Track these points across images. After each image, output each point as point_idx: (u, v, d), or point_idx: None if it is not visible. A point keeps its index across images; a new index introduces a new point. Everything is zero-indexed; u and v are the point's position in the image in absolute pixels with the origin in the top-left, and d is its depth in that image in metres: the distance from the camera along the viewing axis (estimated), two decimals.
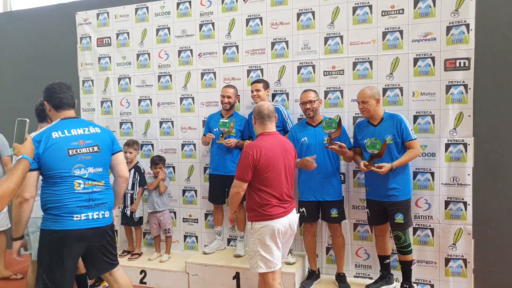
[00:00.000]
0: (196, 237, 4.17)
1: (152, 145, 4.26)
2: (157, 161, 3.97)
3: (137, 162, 4.05)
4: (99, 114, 4.44)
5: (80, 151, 2.33)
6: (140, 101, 4.28)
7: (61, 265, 2.27)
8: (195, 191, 4.14)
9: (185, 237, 4.21)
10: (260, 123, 2.74)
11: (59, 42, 4.57)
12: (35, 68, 4.70)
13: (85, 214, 2.31)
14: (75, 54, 4.48)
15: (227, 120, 3.55)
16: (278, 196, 2.64)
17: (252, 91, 3.56)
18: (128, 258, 4.00)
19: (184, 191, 4.18)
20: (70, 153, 2.30)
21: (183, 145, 4.15)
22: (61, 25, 4.55)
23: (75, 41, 4.47)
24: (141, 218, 4.07)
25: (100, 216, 2.37)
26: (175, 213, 4.22)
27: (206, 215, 4.11)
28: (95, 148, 2.38)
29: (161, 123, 4.21)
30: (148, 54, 4.21)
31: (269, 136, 2.72)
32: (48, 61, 4.63)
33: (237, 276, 3.48)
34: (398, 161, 3.02)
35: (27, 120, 2.12)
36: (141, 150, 4.26)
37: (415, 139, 3.05)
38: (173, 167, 4.20)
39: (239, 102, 3.90)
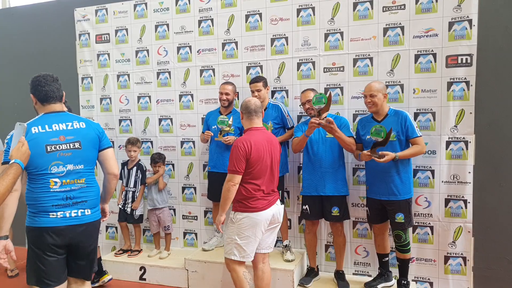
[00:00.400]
0: (196, 234, 4.17)
1: (151, 142, 4.25)
2: (157, 160, 3.96)
3: (139, 160, 4.04)
4: (99, 111, 4.42)
5: (59, 147, 2.22)
6: (139, 98, 4.26)
7: (44, 261, 2.22)
8: (195, 188, 4.13)
9: (185, 234, 4.21)
10: (248, 118, 2.80)
11: (58, 38, 4.54)
12: (34, 65, 4.67)
13: (62, 212, 2.22)
14: (74, 51, 4.46)
15: (225, 118, 3.52)
16: (264, 189, 2.73)
17: (252, 91, 3.51)
18: (128, 255, 4.00)
19: (183, 189, 4.17)
20: (48, 150, 2.19)
21: (182, 143, 4.13)
22: (60, 22, 4.52)
23: (73, 38, 4.44)
24: (141, 216, 4.07)
25: (79, 214, 2.27)
26: (174, 210, 4.21)
27: (206, 212, 4.10)
28: (76, 145, 2.26)
29: (160, 120, 4.19)
30: (147, 50, 4.18)
31: (257, 131, 2.79)
32: (47, 58, 4.60)
33: None
34: (402, 153, 2.94)
35: (25, 125, 2.06)
36: (141, 147, 4.25)
37: (421, 136, 2.99)
38: (173, 165, 4.18)
39: (238, 99, 3.86)
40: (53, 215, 2.20)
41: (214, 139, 3.65)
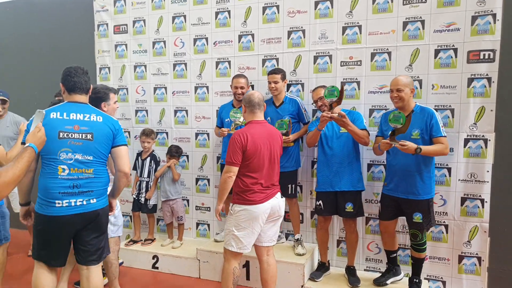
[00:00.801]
0: (208, 225, 4.22)
1: (166, 133, 4.30)
2: (173, 153, 4.01)
3: (153, 151, 4.10)
4: None
5: (71, 135, 2.31)
6: (155, 89, 4.30)
7: (47, 246, 2.36)
8: (208, 180, 4.17)
9: (198, 224, 4.26)
10: (251, 112, 2.83)
11: (77, 29, 4.62)
12: (53, 55, 4.77)
13: (67, 201, 2.29)
14: (93, 41, 4.52)
15: (238, 111, 3.52)
16: (261, 182, 2.75)
17: (269, 82, 3.49)
18: (141, 243, 4.08)
19: (197, 180, 4.21)
20: (60, 136, 2.29)
21: (197, 134, 4.16)
22: (79, 12, 4.58)
23: (92, 28, 4.50)
24: (155, 206, 4.13)
25: (85, 203, 2.35)
26: (188, 201, 4.26)
27: None
28: (89, 136, 2.35)
29: (175, 111, 4.23)
30: (164, 42, 4.20)
31: (258, 124, 2.81)
32: (66, 48, 4.68)
33: (247, 265, 3.52)
34: (426, 147, 2.80)
35: (44, 112, 2.16)
36: (156, 138, 4.30)
37: (445, 136, 2.88)
38: (187, 156, 4.22)
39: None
40: (59, 203, 2.28)
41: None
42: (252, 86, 3.87)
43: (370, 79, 3.44)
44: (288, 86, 3.74)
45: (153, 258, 3.91)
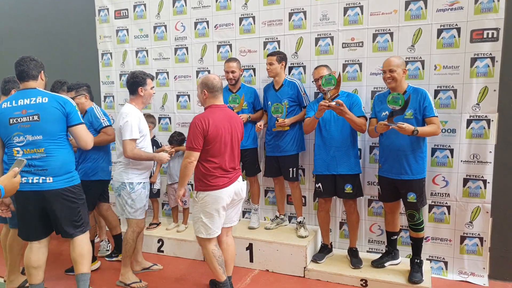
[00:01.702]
0: None
1: (169, 118, 4.46)
2: (174, 141, 4.10)
3: (154, 136, 4.24)
4: (118, 87, 4.65)
5: (20, 120, 2.64)
6: (157, 74, 4.44)
7: (22, 219, 2.77)
8: None
9: None
10: (213, 96, 2.87)
11: (78, 14, 4.76)
12: (55, 41, 4.94)
13: (25, 178, 2.62)
14: (94, 26, 4.67)
15: (237, 96, 3.64)
16: (223, 167, 2.84)
17: (267, 64, 3.61)
18: (147, 228, 4.27)
19: None
20: (11, 122, 2.65)
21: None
22: None
23: (93, 14, 4.64)
24: (159, 191, 4.32)
25: (41, 181, 2.65)
26: (192, 185, 4.44)
27: None
28: (35, 117, 2.64)
29: (178, 96, 4.38)
30: (165, 26, 4.33)
31: (218, 109, 2.87)
32: (68, 33, 4.85)
33: (250, 247, 3.69)
34: (422, 129, 2.94)
35: (25, 160, 2.17)
36: (158, 123, 4.47)
37: (437, 116, 3.02)
38: None
39: (254, 74, 3.98)
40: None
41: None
42: (254, 70, 4.00)
43: (372, 60, 3.53)
44: (290, 68, 3.85)
45: (158, 242, 4.11)
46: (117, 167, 3.26)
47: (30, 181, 2.65)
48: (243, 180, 3.06)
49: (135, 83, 3.20)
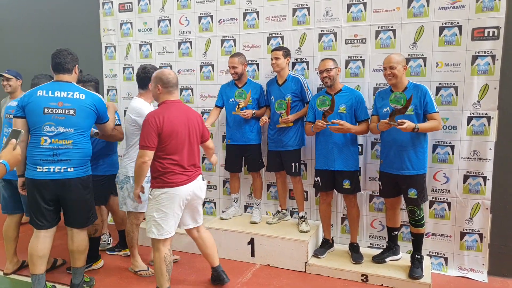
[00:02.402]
0: (215, 203, 4.59)
1: None
2: None
3: None
4: (121, 80, 4.83)
5: (56, 111, 2.85)
6: (160, 67, 4.61)
7: (35, 206, 2.93)
8: None
9: (204, 203, 4.60)
10: (168, 92, 2.89)
11: (83, 7, 4.94)
12: (58, 34, 5.13)
13: (47, 167, 2.84)
14: (98, 19, 4.85)
15: (243, 91, 3.81)
16: (181, 164, 2.86)
17: (271, 59, 3.77)
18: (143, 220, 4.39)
19: (203, 159, 4.55)
20: (45, 111, 2.83)
21: (202, 113, 4.49)
22: None
23: (97, 7, 4.83)
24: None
25: (62, 170, 2.86)
26: None
27: (224, 182, 4.50)
28: (71, 112, 2.88)
29: (181, 90, 4.55)
30: (169, 20, 4.51)
31: (172, 104, 2.90)
32: (72, 26, 5.03)
33: (251, 242, 3.85)
34: (422, 125, 3.10)
35: (22, 131, 2.24)
36: None
37: (438, 112, 3.20)
38: None
39: (258, 70, 4.15)
40: (40, 169, 2.84)
41: (232, 113, 3.93)
42: (257, 65, 4.17)
43: (374, 57, 3.70)
44: (293, 64, 4.03)
45: None
46: (123, 161, 3.44)
47: (51, 170, 2.85)
48: (203, 180, 3.10)
49: (146, 78, 3.33)
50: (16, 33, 5.46)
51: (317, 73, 3.61)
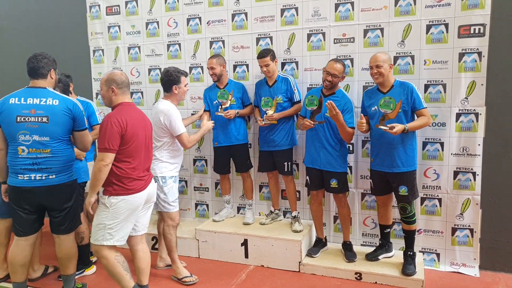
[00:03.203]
0: (207, 205, 4.63)
1: None
2: None
3: None
4: None
5: (28, 119, 2.80)
6: (150, 70, 4.65)
7: (16, 213, 2.92)
8: (205, 160, 4.56)
9: (196, 205, 4.67)
10: (123, 93, 2.84)
11: (70, 10, 4.96)
12: (46, 37, 5.13)
13: (28, 175, 2.83)
14: (85, 23, 4.86)
15: (225, 91, 3.85)
16: (140, 168, 2.82)
17: (261, 66, 3.79)
18: None
19: (194, 161, 4.60)
20: (18, 120, 2.79)
21: (192, 115, 4.50)
22: None
23: (84, 10, 4.84)
24: None
25: (43, 178, 2.85)
26: (186, 181, 4.66)
27: (217, 184, 4.53)
28: (44, 119, 2.82)
29: None
30: (157, 22, 4.54)
31: (129, 106, 2.86)
32: (59, 30, 5.05)
33: (245, 243, 3.89)
34: (411, 124, 3.19)
35: None
36: None
37: (426, 108, 3.27)
38: None
39: (248, 70, 4.20)
40: (21, 177, 2.84)
41: (215, 114, 3.95)
42: (247, 66, 4.22)
43: (363, 56, 3.77)
44: (283, 64, 4.08)
45: (152, 240, 4.29)
46: (152, 162, 3.32)
47: (33, 178, 2.84)
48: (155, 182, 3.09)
49: (169, 81, 3.36)
50: (1, 37, 5.44)
51: (322, 71, 3.56)
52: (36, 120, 2.80)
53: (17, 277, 2.99)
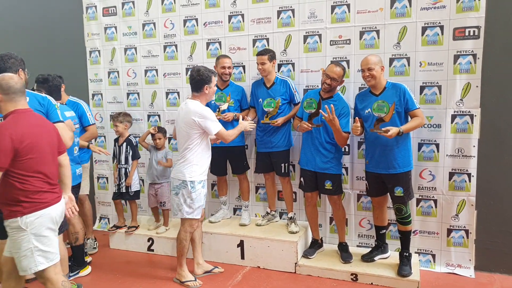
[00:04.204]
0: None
1: (159, 116, 4.64)
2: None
3: (129, 135, 4.26)
4: (107, 84, 4.82)
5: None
6: (146, 71, 4.63)
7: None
8: None
9: None
10: (12, 100, 2.47)
11: (66, 11, 4.92)
12: (42, 38, 5.10)
13: None
14: (82, 24, 4.83)
15: (222, 94, 3.83)
16: (48, 179, 2.51)
17: (257, 64, 3.80)
18: (125, 232, 4.33)
19: None
20: None
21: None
22: None
23: (81, 11, 4.81)
24: (136, 192, 4.29)
25: None
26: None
27: (213, 185, 4.51)
28: None
29: (167, 93, 4.57)
30: (154, 23, 4.52)
31: (24, 114, 2.50)
32: (55, 31, 5.01)
33: (241, 244, 3.88)
34: (405, 126, 3.20)
35: None
36: (147, 121, 4.65)
37: (419, 108, 3.28)
38: None
39: (244, 72, 4.19)
40: None
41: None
42: (244, 67, 4.21)
43: (359, 57, 3.72)
44: (279, 66, 4.07)
45: (148, 241, 4.27)
46: (179, 165, 3.32)
47: None
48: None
49: (201, 81, 3.26)
50: None
51: (322, 73, 3.54)
52: None
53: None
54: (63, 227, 3.01)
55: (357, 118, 3.39)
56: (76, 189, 3.49)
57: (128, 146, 4.22)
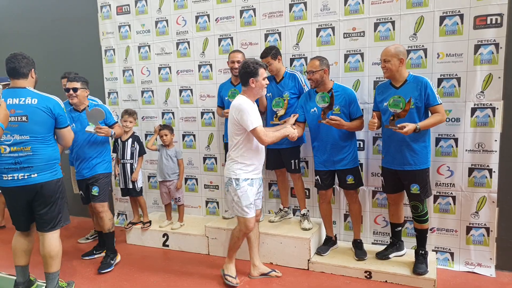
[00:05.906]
0: (217, 202, 4.46)
1: (172, 113, 4.51)
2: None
3: (134, 132, 4.17)
4: (122, 83, 4.72)
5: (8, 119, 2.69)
6: (160, 69, 4.50)
7: (12, 211, 2.98)
8: (215, 158, 4.38)
9: (207, 202, 4.51)
10: None
11: (81, 11, 4.83)
12: (58, 39, 5.04)
13: (11, 175, 2.80)
14: (97, 23, 4.74)
15: (235, 90, 3.66)
16: None
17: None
18: (141, 227, 4.25)
19: (204, 159, 4.44)
20: None
21: (202, 113, 4.36)
22: None
23: (96, 10, 4.72)
24: (141, 188, 4.22)
25: (26, 177, 2.80)
26: (196, 179, 4.51)
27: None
28: (23, 118, 2.76)
29: (180, 91, 4.43)
30: (166, 21, 4.38)
31: None
32: (71, 31, 4.93)
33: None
34: (423, 123, 2.96)
35: (0, 87, 2.34)
36: (162, 118, 4.53)
37: (441, 104, 3.02)
38: (194, 135, 4.44)
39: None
40: (5, 177, 2.81)
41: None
42: None
43: (374, 50, 3.52)
44: (292, 60, 3.87)
45: (163, 236, 4.18)
46: (228, 162, 3.18)
47: (16, 178, 2.80)
48: None
49: (246, 73, 2.98)
50: (15, 40, 5.35)
51: (304, 72, 3.40)
52: (16, 120, 2.75)
53: (20, 261, 3.02)
54: (61, 222, 2.99)
55: (374, 113, 3.16)
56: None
57: (135, 142, 4.13)
